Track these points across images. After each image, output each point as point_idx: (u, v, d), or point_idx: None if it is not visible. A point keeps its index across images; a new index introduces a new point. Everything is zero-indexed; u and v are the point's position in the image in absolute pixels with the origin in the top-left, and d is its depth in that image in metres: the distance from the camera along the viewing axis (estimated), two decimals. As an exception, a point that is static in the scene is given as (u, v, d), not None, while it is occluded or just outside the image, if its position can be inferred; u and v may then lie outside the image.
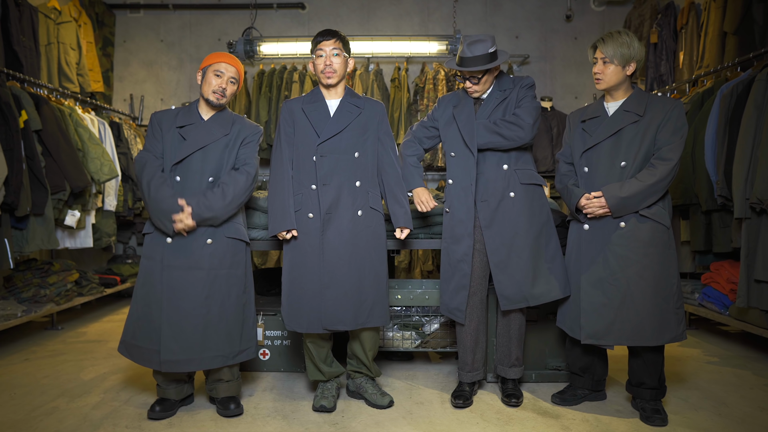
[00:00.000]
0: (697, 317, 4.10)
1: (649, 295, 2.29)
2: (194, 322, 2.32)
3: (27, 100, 3.64)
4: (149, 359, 2.33)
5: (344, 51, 2.51)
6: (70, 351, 3.51)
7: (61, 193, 3.79)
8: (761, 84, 3.09)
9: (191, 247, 2.35)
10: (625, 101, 2.40)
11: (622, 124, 2.35)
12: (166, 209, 2.30)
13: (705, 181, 3.51)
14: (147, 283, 2.37)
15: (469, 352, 2.61)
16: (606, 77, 2.38)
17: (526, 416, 2.43)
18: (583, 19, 5.76)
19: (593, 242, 2.39)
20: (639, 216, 2.31)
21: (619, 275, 2.31)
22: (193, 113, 2.46)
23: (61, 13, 4.68)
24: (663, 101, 2.36)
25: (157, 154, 2.42)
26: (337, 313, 2.39)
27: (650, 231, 2.31)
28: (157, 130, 2.44)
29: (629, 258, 2.30)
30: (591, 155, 2.42)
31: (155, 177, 2.35)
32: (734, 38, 3.84)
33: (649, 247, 2.30)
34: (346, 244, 2.41)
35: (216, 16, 5.84)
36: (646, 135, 2.32)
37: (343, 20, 5.78)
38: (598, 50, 2.39)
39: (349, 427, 2.32)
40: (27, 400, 2.63)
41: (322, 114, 2.49)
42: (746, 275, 3.07)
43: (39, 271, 4.06)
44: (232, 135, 2.45)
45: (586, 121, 2.47)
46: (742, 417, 2.42)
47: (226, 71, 2.42)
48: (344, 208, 2.43)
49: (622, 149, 2.34)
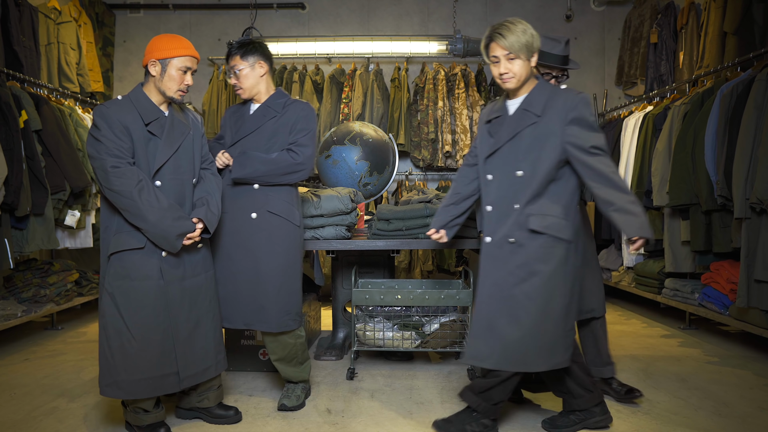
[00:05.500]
0: (697, 317, 4.10)
1: (534, 317, 2.04)
2: (204, 328, 2.25)
3: (27, 100, 3.64)
4: (162, 386, 2.13)
5: (249, 62, 2.42)
6: (70, 351, 3.51)
7: (61, 193, 3.79)
8: (761, 84, 3.09)
9: (185, 255, 2.20)
10: (525, 98, 2.13)
11: (521, 126, 2.10)
12: (179, 230, 2.10)
13: (705, 181, 3.51)
14: (144, 306, 2.09)
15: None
16: (517, 74, 2.06)
17: (526, 416, 2.43)
18: (583, 19, 5.76)
19: (487, 259, 2.17)
20: (529, 231, 2.06)
21: (506, 293, 2.07)
22: (151, 107, 2.16)
23: (61, 13, 4.68)
24: (567, 95, 2.09)
25: (130, 160, 2.08)
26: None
27: (542, 247, 2.05)
28: (121, 129, 2.07)
29: (517, 275, 2.06)
30: (494, 161, 2.16)
31: (151, 193, 2.06)
32: (734, 38, 3.84)
33: (539, 264, 2.05)
34: (234, 246, 2.46)
35: (216, 16, 5.84)
36: (547, 139, 2.06)
37: (343, 20, 5.78)
38: (497, 47, 2.05)
39: (349, 427, 2.32)
40: (27, 400, 2.63)
41: (241, 117, 2.52)
42: (746, 275, 3.07)
43: (39, 271, 4.06)
44: (192, 128, 2.28)
45: (491, 121, 2.22)
46: (742, 417, 2.42)
47: (192, 65, 2.20)
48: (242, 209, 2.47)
49: (520, 155, 2.09)
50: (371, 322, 3.01)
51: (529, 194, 2.08)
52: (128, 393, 2.10)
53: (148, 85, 2.17)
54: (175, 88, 2.15)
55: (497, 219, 2.14)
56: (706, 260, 3.87)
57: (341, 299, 3.44)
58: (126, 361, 2.08)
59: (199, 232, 2.17)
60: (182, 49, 2.14)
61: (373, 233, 3.05)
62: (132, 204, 2.03)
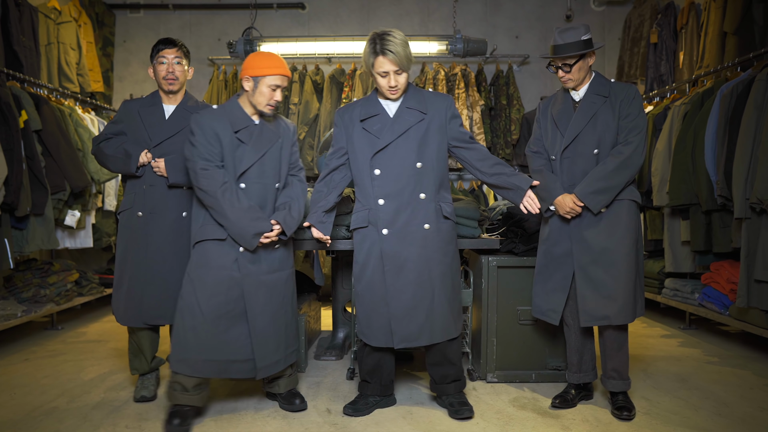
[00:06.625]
0: (697, 317, 4.10)
1: (450, 291, 2.37)
2: (278, 323, 2.39)
3: (27, 100, 3.64)
4: (227, 370, 2.31)
5: (187, 60, 2.62)
6: (70, 351, 3.51)
7: (61, 193, 3.79)
8: (761, 84, 3.09)
9: (262, 252, 2.37)
10: (404, 98, 2.36)
11: (408, 124, 2.32)
12: (256, 230, 2.28)
13: (705, 181, 3.51)
14: (218, 294, 2.28)
15: (575, 352, 2.54)
16: (402, 87, 2.31)
17: (526, 416, 2.43)
18: (583, 19, 5.76)
19: (399, 245, 2.34)
20: (442, 217, 2.36)
21: (426, 276, 2.32)
22: (243, 116, 2.38)
23: (61, 13, 4.68)
24: (436, 97, 2.38)
25: (219, 164, 2.32)
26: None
27: (450, 230, 2.39)
28: (212, 135, 2.31)
29: (434, 258, 2.33)
30: (382, 157, 2.34)
31: (233, 194, 2.28)
32: (734, 38, 3.84)
33: (449, 245, 2.38)
34: (170, 244, 2.53)
35: (216, 16, 5.84)
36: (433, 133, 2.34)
37: (343, 20, 5.78)
38: (387, 62, 2.23)
39: (349, 427, 2.32)
40: (27, 400, 2.63)
41: (157, 117, 2.58)
42: (746, 275, 3.07)
43: (39, 271, 4.05)
44: (282, 137, 2.45)
45: (365, 120, 2.37)
46: (742, 417, 2.42)
47: (282, 83, 2.35)
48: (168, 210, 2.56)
49: (414, 150, 2.32)
50: (371, 322, 3.01)
51: None
52: (194, 371, 2.27)
53: (243, 97, 2.39)
54: (265, 103, 2.34)
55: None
56: (706, 260, 3.87)
57: (341, 299, 3.44)
58: (197, 341, 2.26)
59: (276, 233, 2.33)
60: (274, 69, 2.31)
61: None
62: (215, 202, 2.26)
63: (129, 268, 2.54)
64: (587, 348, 2.53)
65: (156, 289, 2.52)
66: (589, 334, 2.53)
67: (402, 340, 2.33)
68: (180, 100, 2.64)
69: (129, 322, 2.56)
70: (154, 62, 2.59)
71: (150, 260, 2.52)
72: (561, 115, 2.49)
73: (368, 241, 2.38)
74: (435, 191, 2.37)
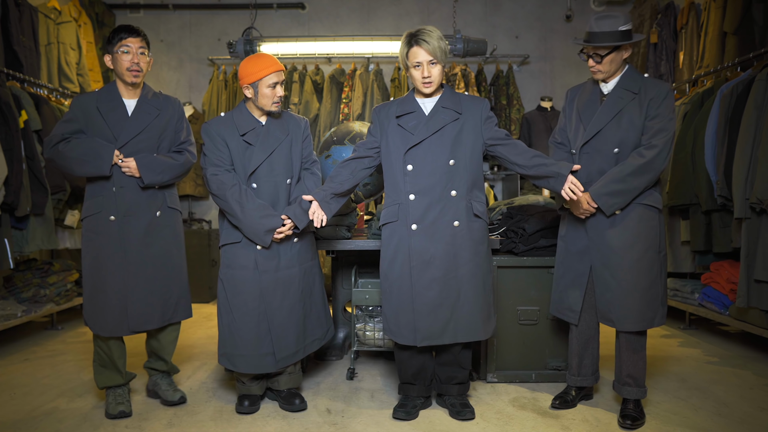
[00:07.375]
0: (697, 317, 4.10)
1: (479, 291, 2.33)
2: (296, 316, 2.46)
3: (27, 100, 3.64)
4: (259, 364, 2.40)
5: (149, 51, 2.50)
6: (70, 351, 3.51)
7: (61, 193, 3.79)
8: (761, 84, 3.09)
9: (280, 248, 2.43)
10: (441, 98, 2.38)
11: (443, 122, 2.32)
12: (267, 227, 2.34)
13: (705, 181, 3.51)
14: (241, 292, 2.39)
15: (575, 356, 2.51)
16: (436, 79, 2.30)
17: (526, 416, 2.43)
18: (583, 19, 5.76)
19: (427, 241, 2.32)
20: (473, 216, 2.34)
21: (453, 274, 2.31)
22: (250, 119, 2.45)
23: (61, 13, 4.68)
24: (472, 99, 2.39)
25: (228, 167, 2.41)
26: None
27: (481, 229, 2.37)
28: (220, 141, 2.41)
29: (462, 256, 2.31)
30: (416, 153, 2.33)
31: (242, 194, 2.35)
32: (734, 38, 3.84)
33: (480, 245, 2.35)
34: (149, 246, 2.47)
35: (216, 16, 5.84)
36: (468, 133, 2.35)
37: (343, 20, 5.78)
38: (422, 51, 2.25)
39: (349, 427, 2.32)
40: (27, 400, 2.63)
41: (120, 113, 2.44)
42: (746, 275, 3.07)
43: (39, 271, 4.06)
44: (291, 133, 2.50)
45: (401, 117, 2.38)
46: (742, 417, 2.42)
47: (279, 79, 2.39)
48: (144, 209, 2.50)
49: (449, 147, 2.32)
50: (371, 322, 3.01)
51: None
52: (232, 365, 2.41)
53: (249, 102, 2.47)
54: (270, 102, 2.41)
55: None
56: (706, 260, 3.87)
57: (341, 299, 3.44)
58: (232, 337, 2.41)
59: (288, 227, 2.38)
60: (267, 69, 2.36)
61: (373, 233, 3.05)
62: (226, 204, 2.37)
63: (105, 277, 2.40)
64: (588, 353, 2.51)
65: (140, 294, 2.42)
66: (593, 338, 2.50)
67: (425, 338, 2.30)
68: (140, 94, 2.49)
69: (113, 333, 2.41)
70: (115, 51, 2.40)
71: (130, 265, 2.41)
72: (586, 107, 2.42)
73: (396, 237, 2.36)
74: (467, 189, 2.35)
